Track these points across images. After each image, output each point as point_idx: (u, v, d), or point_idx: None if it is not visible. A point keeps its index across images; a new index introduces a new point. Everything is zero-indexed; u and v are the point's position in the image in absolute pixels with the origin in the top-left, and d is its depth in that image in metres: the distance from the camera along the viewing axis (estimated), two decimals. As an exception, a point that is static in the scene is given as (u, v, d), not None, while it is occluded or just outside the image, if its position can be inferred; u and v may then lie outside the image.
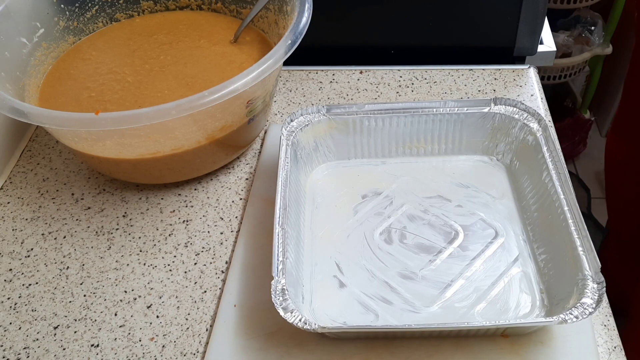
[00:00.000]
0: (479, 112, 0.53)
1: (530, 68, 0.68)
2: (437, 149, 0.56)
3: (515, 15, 0.64)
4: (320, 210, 0.53)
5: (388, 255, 0.49)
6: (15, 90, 0.53)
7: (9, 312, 0.48)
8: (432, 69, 0.68)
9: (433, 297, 0.46)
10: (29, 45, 0.57)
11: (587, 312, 0.39)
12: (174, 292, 0.49)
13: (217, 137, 0.52)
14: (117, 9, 0.64)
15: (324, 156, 0.56)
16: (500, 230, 0.50)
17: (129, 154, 0.51)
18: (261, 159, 0.58)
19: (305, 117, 0.54)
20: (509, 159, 0.55)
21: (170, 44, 0.60)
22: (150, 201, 0.56)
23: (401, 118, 0.54)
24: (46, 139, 0.62)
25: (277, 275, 0.42)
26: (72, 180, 0.58)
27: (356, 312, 0.45)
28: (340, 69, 0.69)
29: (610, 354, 0.44)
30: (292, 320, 0.40)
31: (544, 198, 0.48)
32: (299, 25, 0.51)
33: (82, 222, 0.54)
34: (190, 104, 0.44)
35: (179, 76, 0.56)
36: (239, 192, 0.56)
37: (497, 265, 0.47)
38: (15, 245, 0.53)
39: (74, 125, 0.45)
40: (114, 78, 0.56)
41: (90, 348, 0.45)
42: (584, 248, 0.43)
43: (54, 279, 0.50)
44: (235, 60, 0.58)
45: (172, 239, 0.52)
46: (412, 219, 0.51)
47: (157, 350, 0.45)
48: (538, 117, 0.52)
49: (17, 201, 0.56)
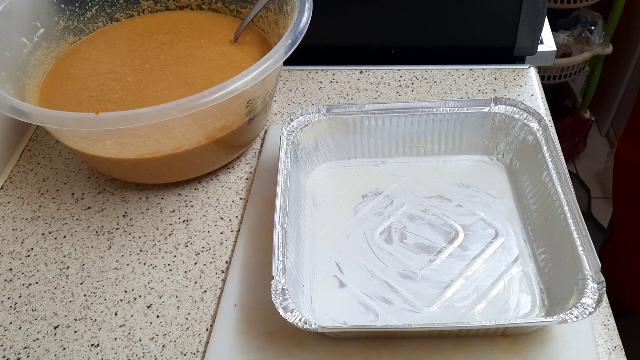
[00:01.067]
0: (479, 112, 0.53)
1: (531, 68, 0.68)
2: (437, 148, 0.56)
3: (516, 15, 0.64)
4: (320, 210, 0.53)
5: (388, 255, 0.49)
6: (16, 90, 0.53)
7: (9, 312, 0.48)
8: (432, 69, 0.68)
9: (433, 296, 0.46)
10: (29, 45, 0.57)
11: (587, 312, 0.39)
12: (174, 291, 0.49)
13: (217, 137, 0.52)
14: (117, 9, 0.64)
15: (324, 156, 0.56)
16: (500, 230, 0.50)
17: (129, 154, 0.51)
18: (261, 159, 0.58)
19: (306, 117, 0.54)
20: (509, 159, 0.55)
21: (170, 43, 0.60)
22: (150, 201, 0.56)
23: (401, 118, 0.54)
24: (46, 139, 0.62)
25: (277, 275, 0.42)
26: (72, 180, 0.58)
27: (356, 311, 0.45)
28: (340, 68, 0.69)
29: (610, 354, 0.44)
30: (292, 320, 0.40)
31: (544, 198, 0.48)
32: (299, 25, 0.51)
33: (82, 221, 0.54)
34: (190, 104, 0.44)
35: (179, 76, 0.56)
36: (239, 192, 0.56)
37: (497, 265, 0.47)
38: (16, 245, 0.53)
39: (74, 125, 0.45)
40: (114, 78, 0.56)
41: (91, 348, 0.45)
42: (584, 248, 0.43)
43: (54, 279, 0.50)
44: (236, 60, 0.58)
45: (172, 238, 0.52)
46: (412, 218, 0.51)
47: (157, 350, 0.45)
48: (538, 117, 0.52)
49: (17, 201, 0.56)
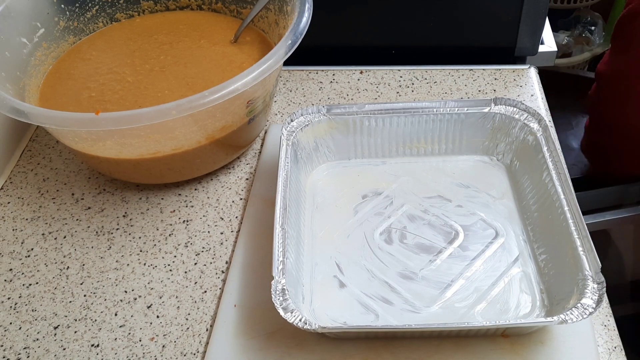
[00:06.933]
0: (479, 112, 0.53)
1: (531, 68, 0.68)
2: (437, 149, 0.56)
3: (516, 15, 0.64)
4: (320, 210, 0.53)
5: (388, 255, 0.49)
6: (16, 90, 0.53)
7: (9, 312, 0.48)
8: (432, 69, 0.68)
9: (433, 297, 0.46)
10: (29, 45, 0.57)
11: (587, 312, 0.39)
12: (174, 292, 0.49)
13: (217, 137, 0.52)
14: (118, 9, 0.64)
15: (324, 156, 0.56)
16: (500, 230, 0.50)
17: (129, 154, 0.51)
18: (261, 159, 0.58)
19: (306, 117, 0.54)
20: (509, 159, 0.55)
21: (170, 44, 0.60)
22: (150, 201, 0.56)
23: (401, 118, 0.54)
24: (46, 139, 0.62)
25: (277, 275, 0.42)
26: (72, 180, 0.58)
27: (356, 312, 0.45)
28: (340, 69, 0.69)
29: (610, 354, 0.44)
30: (292, 320, 0.40)
31: (544, 198, 0.48)
32: (299, 25, 0.51)
33: (82, 222, 0.54)
34: (190, 104, 0.44)
35: (179, 76, 0.56)
36: (239, 192, 0.56)
37: (497, 265, 0.47)
38: (16, 245, 0.53)
39: (74, 125, 0.45)
40: (114, 78, 0.56)
41: (91, 348, 0.45)
42: (584, 248, 0.43)
43: (54, 279, 0.50)
44: (236, 60, 0.58)
45: (172, 239, 0.52)
46: (412, 219, 0.51)
47: (157, 350, 0.45)
48: (538, 117, 0.52)
49: (17, 201, 0.56)
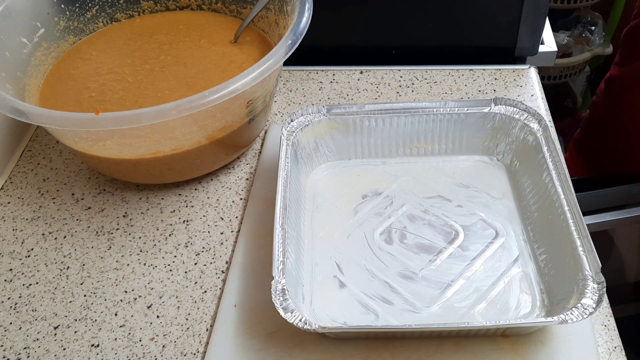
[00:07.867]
0: (479, 112, 0.53)
1: (531, 68, 0.67)
2: (437, 149, 0.56)
3: (517, 15, 0.64)
4: (320, 210, 0.53)
5: (388, 255, 0.49)
6: (16, 90, 0.53)
7: (9, 312, 0.48)
8: (432, 69, 0.68)
9: (433, 297, 0.46)
10: (29, 45, 0.57)
11: (587, 312, 0.39)
12: (174, 292, 0.49)
13: (217, 137, 0.52)
14: (118, 9, 0.64)
15: (324, 156, 0.56)
16: (500, 230, 0.50)
17: (129, 154, 0.51)
18: (261, 159, 0.58)
19: (306, 117, 0.54)
20: (509, 159, 0.55)
21: (170, 44, 0.60)
22: (150, 201, 0.56)
23: (401, 118, 0.54)
24: (46, 139, 0.62)
25: (277, 275, 0.42)
26: (72, 180, 0.58)
27: (356, 312, 0.45)
28: (340, 69, 0.69)
29: (610, 354, 0.44)
30: (292, 320, 0.40)
31: (544, 198, 0.48)
32: (299, 26, 0.51)
33: (82, 222, 0.54)
34: (190, 104, 0.44)
35: (179, 76, 0.56)
36: (239, 192, 0.56)
37: (497, 265, 0.47)
38: (16, 245, 0.53)
39: (74, 125, 0.45)
40: (114, 78, 0.56)
41: (91, 348, 0.45)
42: (584, 248, 0.43)
43: (54, 279, 0.50)
44: (236, 60, 0.58)
45: (172, 239, 0.52)
46: (412, 219, 0.51)
47: (158, 350, 0.45)
48: (538, 117, 0.52)
49: (17, 201, 0.56)
